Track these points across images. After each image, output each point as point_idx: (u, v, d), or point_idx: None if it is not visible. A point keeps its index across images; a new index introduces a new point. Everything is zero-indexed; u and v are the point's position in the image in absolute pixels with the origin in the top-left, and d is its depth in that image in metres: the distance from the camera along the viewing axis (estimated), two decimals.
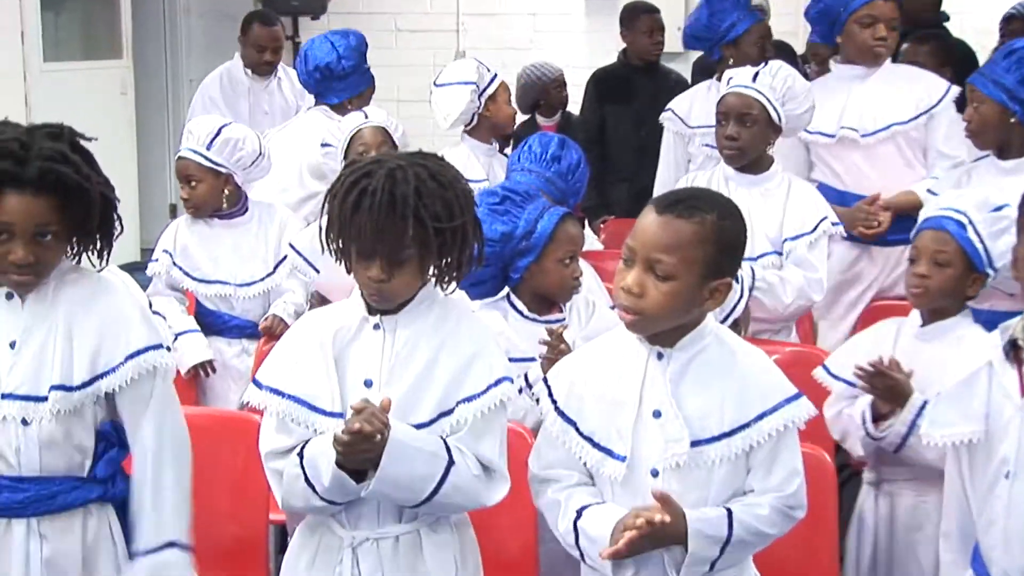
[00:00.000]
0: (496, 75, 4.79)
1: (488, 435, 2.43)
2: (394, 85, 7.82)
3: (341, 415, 2.38)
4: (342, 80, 4.95)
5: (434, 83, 4.79)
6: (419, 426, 2.40)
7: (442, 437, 2.41)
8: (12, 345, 2.43)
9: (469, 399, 2.41)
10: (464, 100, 4.65)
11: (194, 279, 4.16)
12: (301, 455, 2.41)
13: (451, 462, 2.39)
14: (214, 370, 4.11)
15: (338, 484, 2.36)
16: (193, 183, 4.15)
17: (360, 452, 2.32)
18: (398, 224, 2.31)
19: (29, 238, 2.36)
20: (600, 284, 3.65)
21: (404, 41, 8.89)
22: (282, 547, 3.15)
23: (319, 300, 4.05)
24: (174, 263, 4.16)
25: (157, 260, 4.18)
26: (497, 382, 2.43)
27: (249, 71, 6.25)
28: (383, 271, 2.36)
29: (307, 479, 2.39)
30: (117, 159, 7.62)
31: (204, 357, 4.09)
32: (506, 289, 3.22)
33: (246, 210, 4.22)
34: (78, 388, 2.46)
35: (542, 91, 6.56)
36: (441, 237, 2.36)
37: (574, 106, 6.54)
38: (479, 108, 4.71)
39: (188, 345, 4.09)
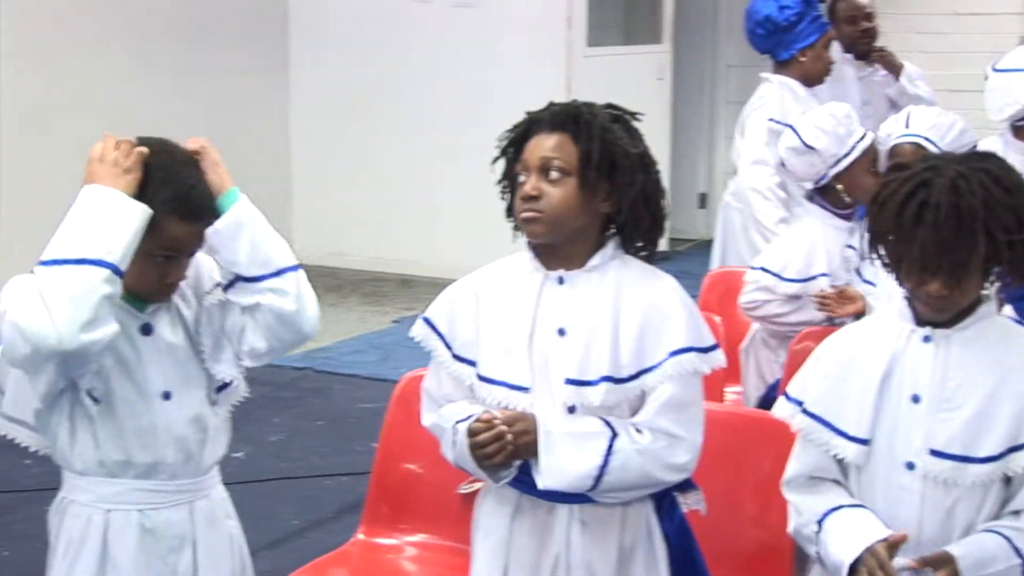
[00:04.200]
0: None
1: None
2: (947, 73, 7.34)
3: (865, 441, 2.26)
4: (788, 32, 4.75)
5: (993, 68, 4.40)
6: (986, 460, 2.23)
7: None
8: (561, 332, 2.39)
9: None
10: None
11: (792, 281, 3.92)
12: None
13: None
14: None
15: None
16: None
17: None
18: (965, 240, 2.18)
19: (537, 172, 2.38)
20: None
21: (962, 26, 8.40)
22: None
23: None
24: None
25: (811, 279, 3.84)
26: None
27: (849, 54, 5.51)
28: (945, 287, 2.21)
29: None
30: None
31: None
32: None
33: None
34: (625, 381, 2.38)
35: None
36: (1012, 251, 2.20)
37: None
38: None
39: None
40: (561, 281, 2.41)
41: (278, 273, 2.32)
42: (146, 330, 2.32)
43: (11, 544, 4.24)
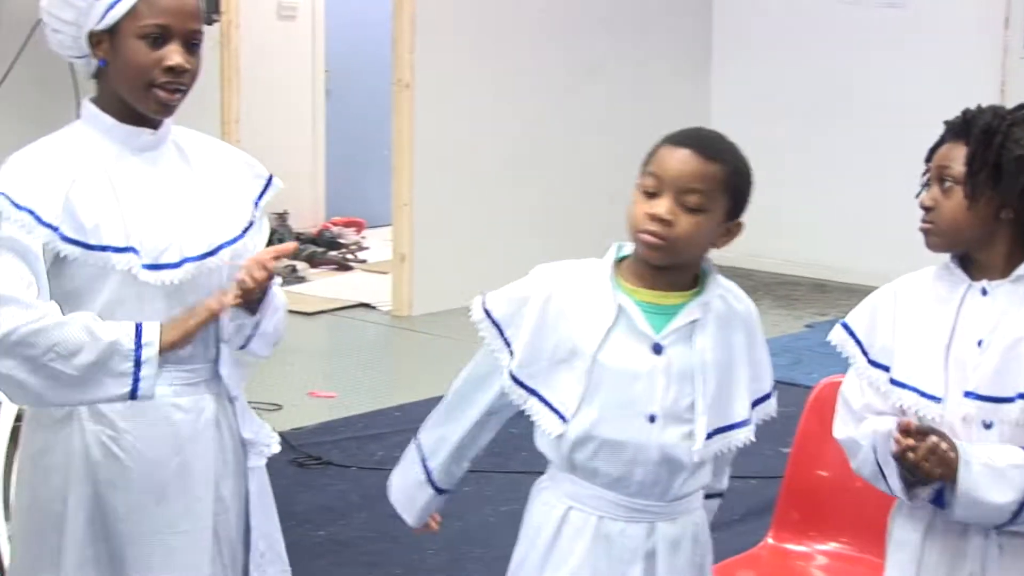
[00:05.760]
0: None
1: None
2: None
3: None
4: None
5: None
6: None
7: None
8: (979, 343, 2.31)
9: None
10: None
11: None
12: None
13: None
14: None
15: None
16: None
17: None
18: None
19: (935, 182, 2.35)
20: None
21: None
22: None
23: None
24: None
25: None
26: None
27: None
28: None
29: None
30: None
31: None
32: None
33: None
34: None
35: None
36: None
37: None
38: None
39: None
40: (984, 292, 2.33)
41: None
42: (656, 349, 2.27)
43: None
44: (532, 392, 2.28)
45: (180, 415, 2.34)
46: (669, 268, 2.26)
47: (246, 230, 2.42)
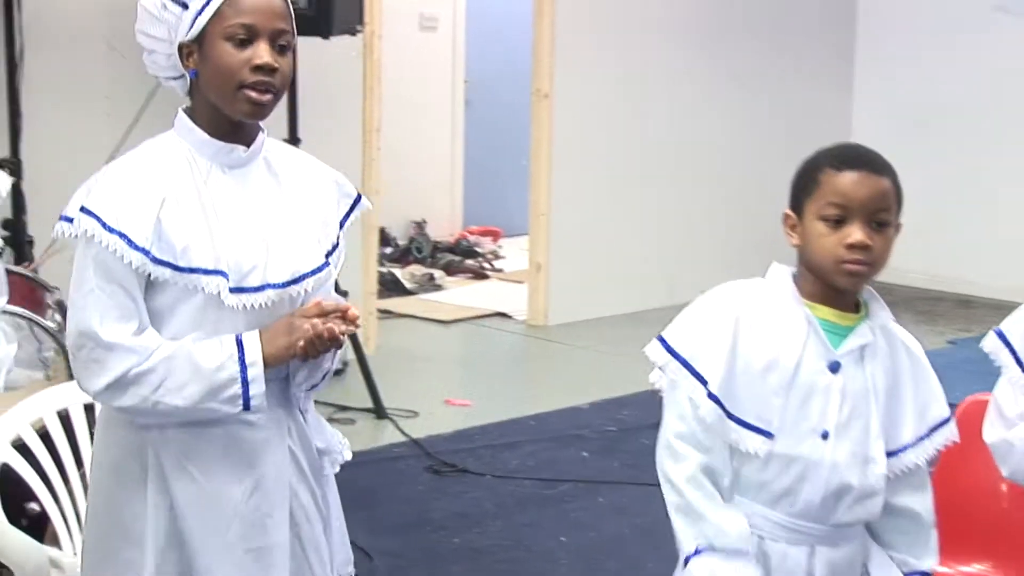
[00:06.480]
0: None
1: None
2: None
3: None
4: None
5: None
6: None
7: None
8: None
9: None
10: None
11: None
12: None
13: None
14: None
15: None
16: None
17: None
18: None
19: None
20: None
21: None
22: None
23: None
24: None
25: None
26: None
27: None
28: None
29: None
30: None
31: None
32: None
33: None
34: None
35: None
36: None
37: None
38: None
39: None
40: None
41: None
42: (833, 368, 2.26)
43: (569, 531, 4.47)
44: (730, 415, 2.24)
45: (251, 433, 2.31)
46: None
47: (328, 255, 2.39)
